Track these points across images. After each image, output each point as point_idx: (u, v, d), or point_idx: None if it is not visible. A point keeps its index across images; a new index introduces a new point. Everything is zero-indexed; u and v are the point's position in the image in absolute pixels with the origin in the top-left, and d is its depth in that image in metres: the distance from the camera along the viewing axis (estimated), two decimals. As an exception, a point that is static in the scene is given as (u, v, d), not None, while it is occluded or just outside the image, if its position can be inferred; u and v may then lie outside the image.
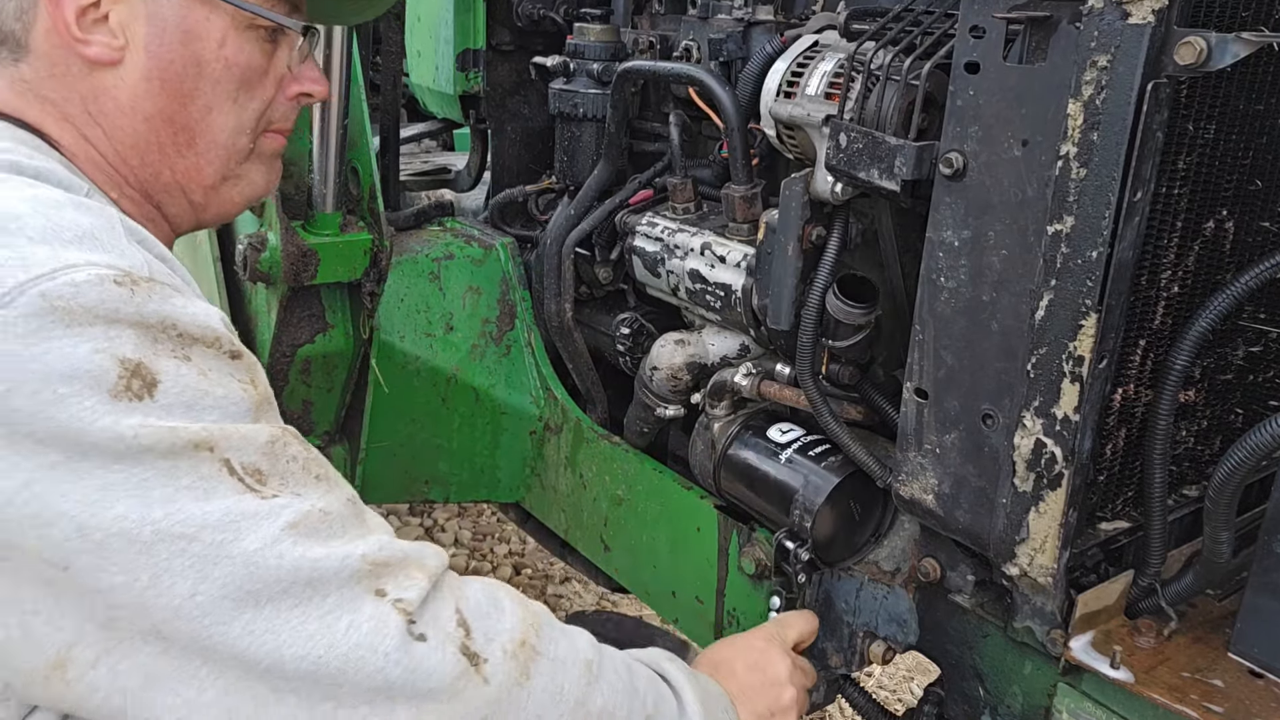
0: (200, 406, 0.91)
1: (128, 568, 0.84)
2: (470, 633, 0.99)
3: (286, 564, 0.89)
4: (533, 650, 1.04)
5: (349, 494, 1.01)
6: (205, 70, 1.14)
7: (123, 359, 0.87)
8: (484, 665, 0.98)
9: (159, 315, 0.91)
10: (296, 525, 0.91)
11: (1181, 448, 1.43)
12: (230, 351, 0.97)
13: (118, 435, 0.84)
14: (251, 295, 2.10)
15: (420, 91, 2.50)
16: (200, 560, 0.86)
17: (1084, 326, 1.15)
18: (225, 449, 0.91)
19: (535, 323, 2.20)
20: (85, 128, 1.12)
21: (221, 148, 1.19)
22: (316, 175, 1.94)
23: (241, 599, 0.87)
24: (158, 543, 0.85)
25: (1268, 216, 1.39)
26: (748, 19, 1.78)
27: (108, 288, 0.87)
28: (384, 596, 0.94)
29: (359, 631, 0.91)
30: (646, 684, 1.17)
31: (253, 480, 0.92)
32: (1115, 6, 1.07)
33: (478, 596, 1.04)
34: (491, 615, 1.03)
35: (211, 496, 0.88)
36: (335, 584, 0.91)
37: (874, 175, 1.34)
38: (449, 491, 2.27)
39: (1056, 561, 1.25)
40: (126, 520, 0.84)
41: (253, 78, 1.18)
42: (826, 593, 1.66)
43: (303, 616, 0.89)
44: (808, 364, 1.54)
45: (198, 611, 0.86)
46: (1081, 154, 1.12)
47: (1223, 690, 1.24)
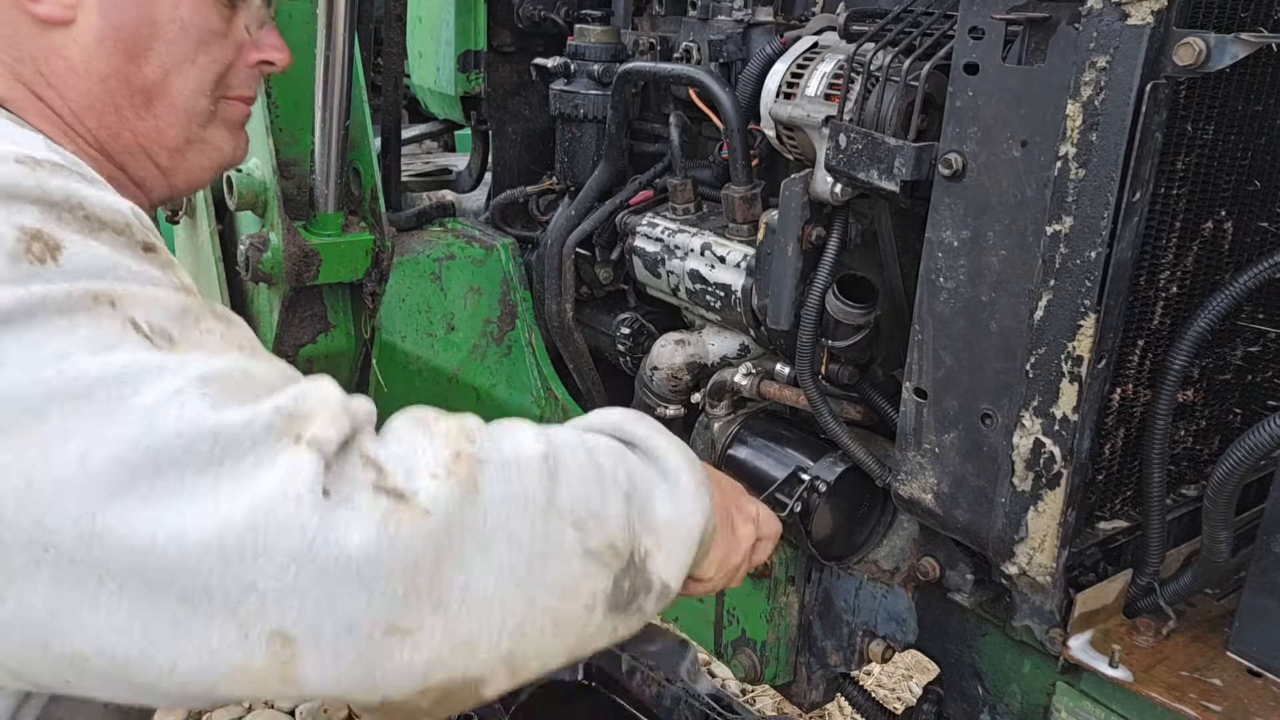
0: (111, 275, 0.83)
1: (18, 440, 0.73)
2: (383, 470, 0.82)
3: (189, 417, 0.76)
4: (472, 459, 0.87)
5: (287, 369, 0.90)
6: (160, 31, 1.12)
7: (21, 226, 0.80)
8: (415, 498, 0.82)
9: (64, 192, 0.84)
10: (209, 379, 0.79)
11: (1180, 447, 1.44)
12: (142, 243, 0.88)
13: (11, 294, 0.77)
14: (253, 295, 2.10)
15: (421, 93, 2.51)
16: (95, 418, 0.75)
17: (1083, 326, 1.16)
18: (130, 306, 0.81)
19: (536, 323, 2.20)
20: (39, 88, 1.09)
21: (180, 110, 1.17)
22: (318, 176, 1.95)
23: (138, 462, 0.74)
24: (49, 405, 0.75)
25: (1266, 217, 1.39)
26: (748, 20, 1.79)
27: (7, 165, 0.83)
28: (299, 441, 0.80)
29: (271, 480, 0.77)
30: (613, 459, 1.01)
31: (161, 339, 0.82)
32: (1114, 7, 1.08)
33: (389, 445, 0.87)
34: (407, 455, 0.86)
35: (113, 350, 0.78)
36: (249, 441, 0.78)
37: (873, 176, 1.34)
38: (450, 491, 2.27)
39: (1055, 560, 1.25)
40: (17, 385, 0.75)
41: (210, 39, 1.16)
42: (826, 591, 1.67)
43: (212, 480, 0.76)
44: (807, 364, 1.54)
45: (89, 481, 0.73)
46: (1080, 154, 1.12)
47: (1221, 689, 1.24)
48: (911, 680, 3.29)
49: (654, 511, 1.02)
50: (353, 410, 0.86)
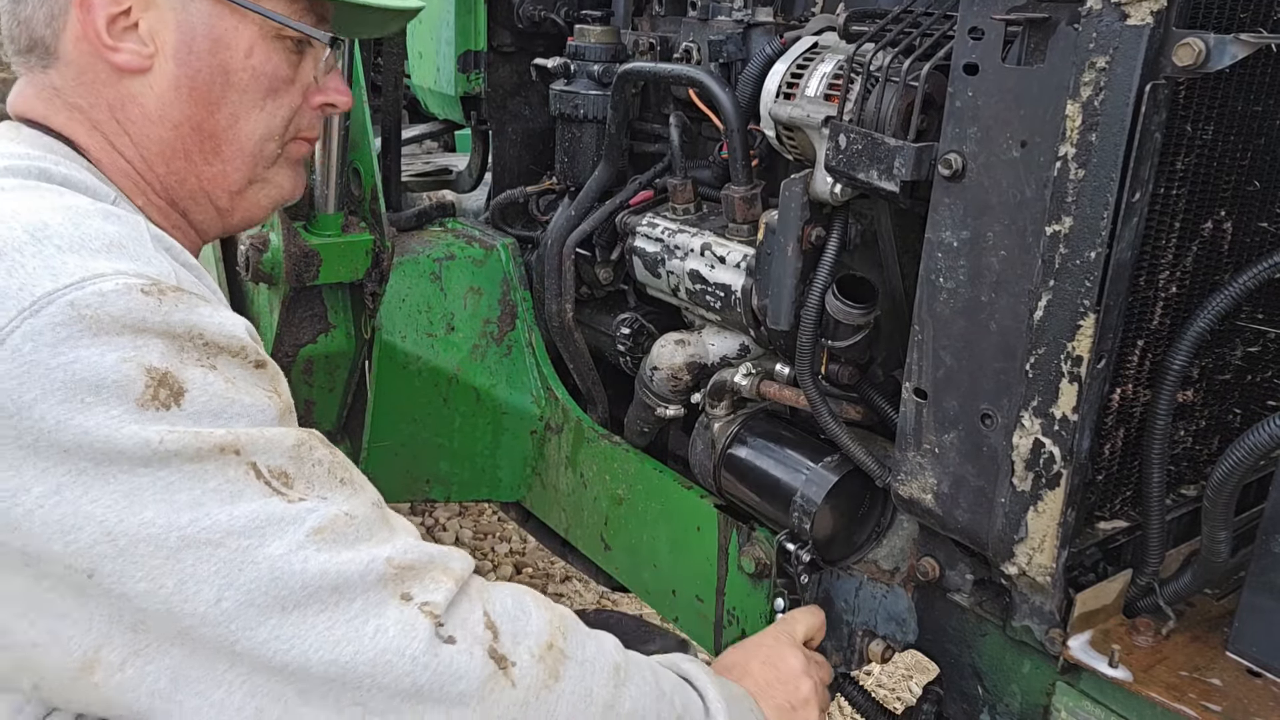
0: (227, 414, 0.91)
1: (153, 574, 0.84)
2: (498, 635, 0.99)
3: (312, 569, 0.89)
4: (560, 653, 1.03)
5: (374, 497, 1.01)
6: (233, 79, 1.14)
7: (149, 368, 0.87)
8: (512, 668, 0.98)
9: (186, 324, 0.91)
10: (322, 530, 0.91)
11: (1180, 447, 1.44)
12: (255, 361, 0.97)
13: (144, 441, 0.84)
14: (254, 296, 2.11)
15: (421, 93, 2.51)
16: (226, 566, 0.86)
17: (1082, 327, 1.16)
18: (252, 452, 0.91)
19: (536, 323, 2.20)
20: (113, 135, 1.12)
21: (249, 155, 1.20)
22: (318, 176, 1.95)
23: (267, 605, 0.87)
24: (183, 549, 0.85)
25: (1266, 217, 1.39)
26: (747, 20, 1.79)
27: (135, 297, 0.88)
28: (410, 600, 0.94)
29: (386, 635, 0.91)
30: (673, 687, 1.17)
31: (279, 483, 0.92)
32: (1114, 8, 1.08)
33: (505, 600, 1.04)
34: (519, 618, 1.03)
35: (238, 500, 0.88)
36: (360, 588, 0.91)
37: (873, 176, 1.34)
38: (450, 491, 2.28)
39: (1055, 561, 1.25)
40: (153, 526, 0.84)
41: (279, 86, 1.19)
42: (826, 591, 1.67)
43: (329, 621, 0.89)
44: (807, 364, 1.54)
45: (223, 618, 0.86)
46: (1080, 155, 1.12)
47: (1221, 689, 1.24)
48: (911, 680, 3.29)
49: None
50: (453, 568, 1.00)
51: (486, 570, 3.85)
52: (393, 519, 1.02)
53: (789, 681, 1.37)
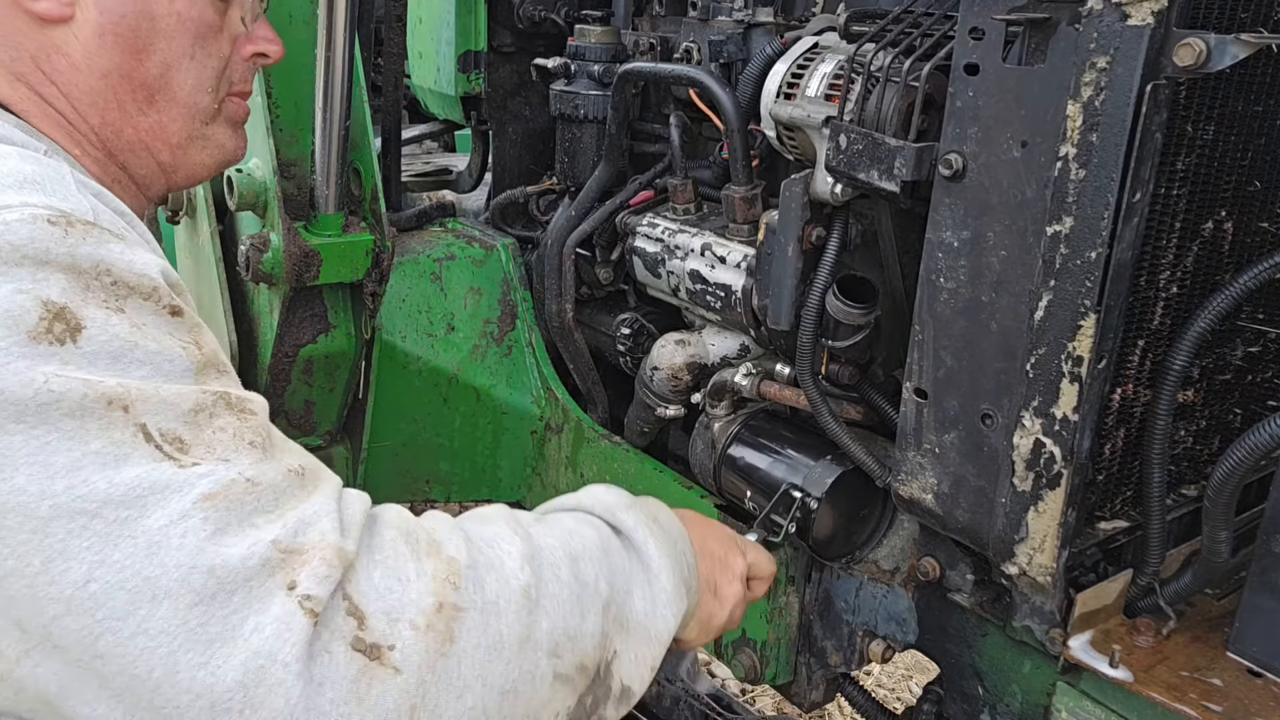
0: (128, 359, 0.84)
1: (19, 550, 0.77)
2: (365, 620, 0.85)
3: (188, 547, 0.79)
4: (453, 609, 0.90)
5: (294, 464, 0.91)
6: (158, 25, 1.11)
7: (46, 301, 0.81)
8: (390, 653, 0.85)
9: (92, 259, 0.85)
10: (213, 496, 0.82)
11: (1180, 447, 1.44)
12: (170, 307, 0.90)
13: (28, 380, 0.78)
14: (254, 296, 2.10)
15: (422, 93, 2.51)
16: (99, 540, 0.77)
17: (1083, 327, 1.16)
18: (142, 411, 0.82)
19: (536, 323, 2.20)
20: (39, 85, 1.08)
21: (183, 105, 1.17)
22: (318, 176, 1.95)
23: (138, 590, 0.77)
24: (54, 520, 0.77)
25: (1266, 217, 1.39)
26: (748, 21, 1.79)
27: (40, 226, 0.83)
28: (292, 590, 0.82)
29: (261, 635, 0.80)
30: (596, 566, 1.04)
31: (171, 447, 0.83)
32: (1114, 8, 1.08)
33: (372, 575, 0.89)
34: (393, 589, 0.88)
35: (121, 464, 0.80)
36: (242, 577, 0.80)
37: (874, 176, 1.34)
38: (450, 491, 2.28)
39: (1055, 561, 1.25)
40: (24, 493, 0.77)
41: (207, 33, 1.16)
42: (826, 591, 1.67)
43: (203, 616, 0.79)
44: (807, 364, 1.54)
45: (90, 604, 0.77)
46: (1081, 155, 1.12)
47: (1221, 689, 1.24)
48: (911, 680, 3.29)
49: (630, 610, 1.07)
50: (344, 548, 0.87)
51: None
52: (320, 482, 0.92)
53: (727, 569, 1.26)
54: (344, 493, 0.95)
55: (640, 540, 1.11)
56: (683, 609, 1.12)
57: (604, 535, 1.10)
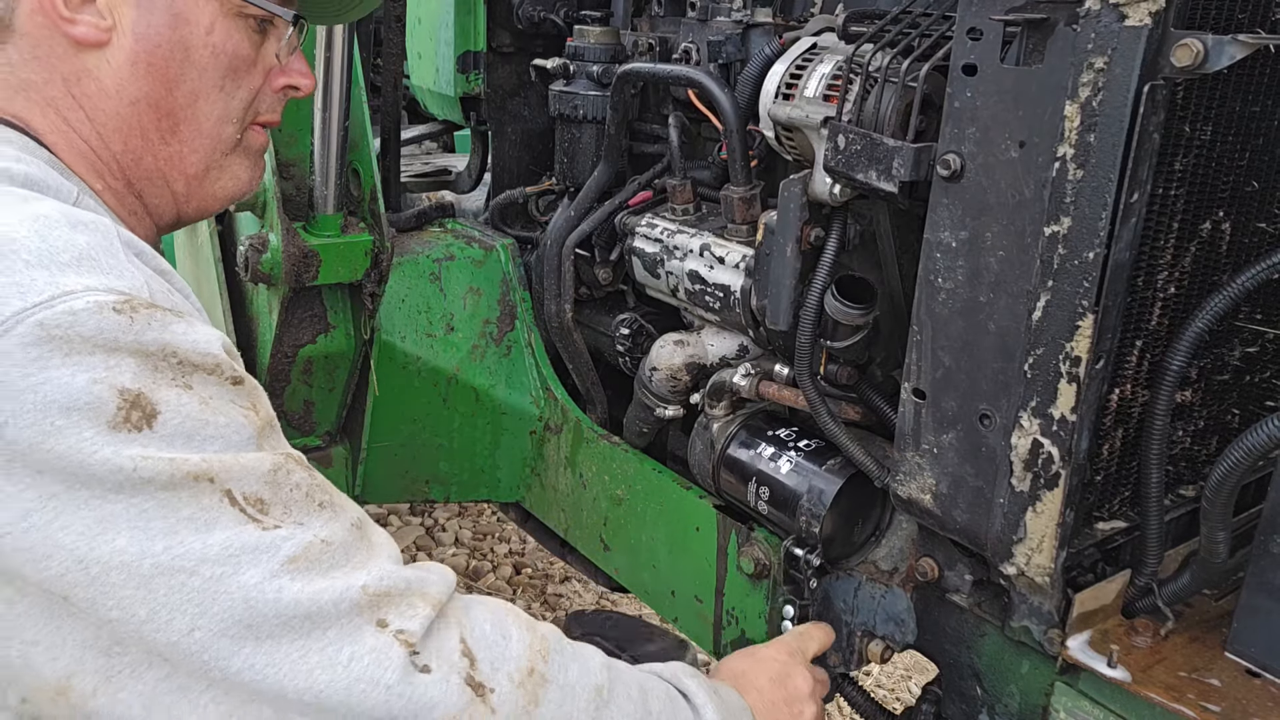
0: (201, 436, 0.89)
1: (125, 603, 0.83)
2: (475, 662, 0.98)
3: (286, 599, 0.88)
4: (541, 678, 1.03)
5: (353, 518, 1.00)
6: (192, 56, 1.12)
7: (122, 389, 0.85)
8: (490, 695, 0.97)
9: (159, 343, 0.89)
10: (297, 559, 0.90)
11: (1178, 448, 1.44)
12: (232, 378, 0.95)
13: (117, 467, 0.83)
14: (253, 296, 2.11)
15: (421, 93, 2.51)
16: (199, 595, 0.85)
17: (1081, 327, 1.16)
18: (226, 480, 0.89)
19: (535, 323, 2.20)
20: (67, 111, 1.09)
21: (206, 136, 1.17)
22: (318, 177, 1.95)
23: (240, 634, 0.86)
24: (156, 577, 0.84)
25: (1264, 217, 1.39)
26: (746, 21, 1.79)
27: (107, 315, 0.86)
28: (385, 628, 0.93)
29: (360, 664, 0.90)
30: (661, 704, 1.15)
31: (255, 510, 0.91)
32: (1112, 9, 1.08)
33: (483, 625, 1.03)
34: (498, 644, 1.02)
35: (212, 528, 0.87)
36: (335, 616, 0.90)
37: (872, 177, 1.34)
38: (449, 491, 2.28)
39: (1054, 561, 1.25)
40: (125, 554, 0.83)
41: (240, 66, 1.17)
42: (825, 592, 1.67)
43: (302, 650, 0.88)
44: (806, 364, 1.54)
45: (197, 648, 0.85)
46: (1078, 155, 1.12)
47: (1220, 689, 1.24)
48: (910, 680, 3.29)
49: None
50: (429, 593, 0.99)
51: (486, 570, 3.85)
52: (374, 539, 1.01)
53: (795, 704, 1.35)
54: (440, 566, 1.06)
55: (700, 704, 1.20)
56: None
57: (672, 691, 1.20)
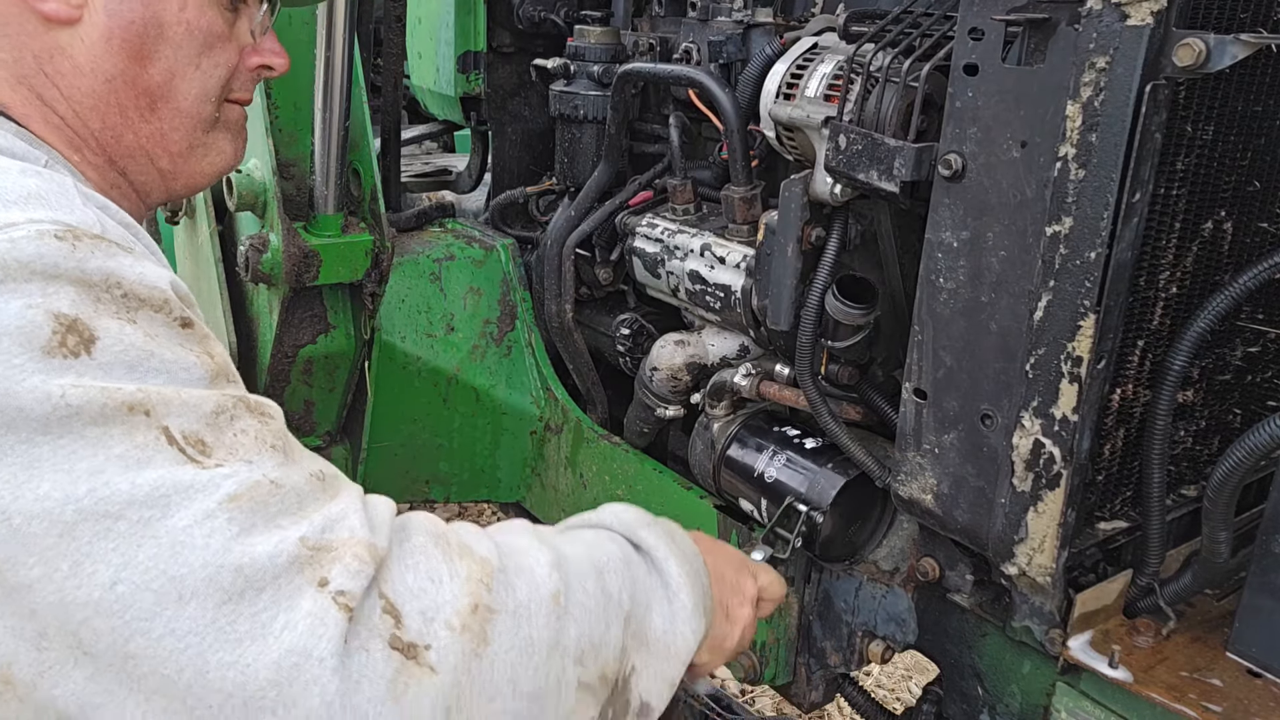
0: (144, 368, 0.83)
1: (47, 556, 0.76)
2: (401, 619, 0.85)
3: (215, 546, 0.79)
4: (487, 610, 0.90)
5: (316, 469, 0.91)
6: (166, 32, 1.11)
7: (58, 314, 0.80)
8: (427, 653, 0.85)
9: (103, 272, 0.84)
10: (238, 497, 0.81)
11: (1180, 448, 1.44)
12: (180, 319, 0.90)
13: (44, 395, 0.77)
14: (253, 296, 2.10)
15: (421, 93, 2.51)
16: (124, 542, 0.77)
17: (1082, 327, 1.16)
18: (164, 414, 0.82)
19: (536, 323, 2.20)
20: (41, 89, 1.08)
21: (185, 114, 1.16)
22: (318, 177, 1.95)
23: (164, 591, 0.77)
24: (80, 523, 0.77)
25: (1266, 217, 1.39)
26: (747, 21, 1.79)
27: (47, 242, 0.82)
28: (325, 586, 0.82)
29: (294, 632, 0.79)
30: (620, 579, 1.05)
31: (195, 450, 0.82)
32: (1114, 8, 1.08)
33: (405, 576, 0.89)
34: (428, 589, 0.89)
35: (144, 467, 0.79)
36: (270, 574, 0.80)
37: (873, 176, 1.34)
38: (450, 491, 2.28)
39: (1055, 561, 1.25)
40: (49, 500, 0.77)
41: (214, 43, 1.16)
42: (826, 592, 1.67)
43: (231, 615, 0.78)
44: (807, 364, 1.54)
45: (118, 606, 0.77)
46: (1080, 155, 1.12)
47: (1221, 689, 1.24)
48: (911, 681, 3.29)
49: (649, 626, 1.07)
50: (375, 544, 0.88)
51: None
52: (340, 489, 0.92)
53: (739, 591, 1.26)
54: (370, 497, 0.95)
55: (661, 558, 1.12)
56: (701, 628, 1.12)
57: (626, 550, 1.10)
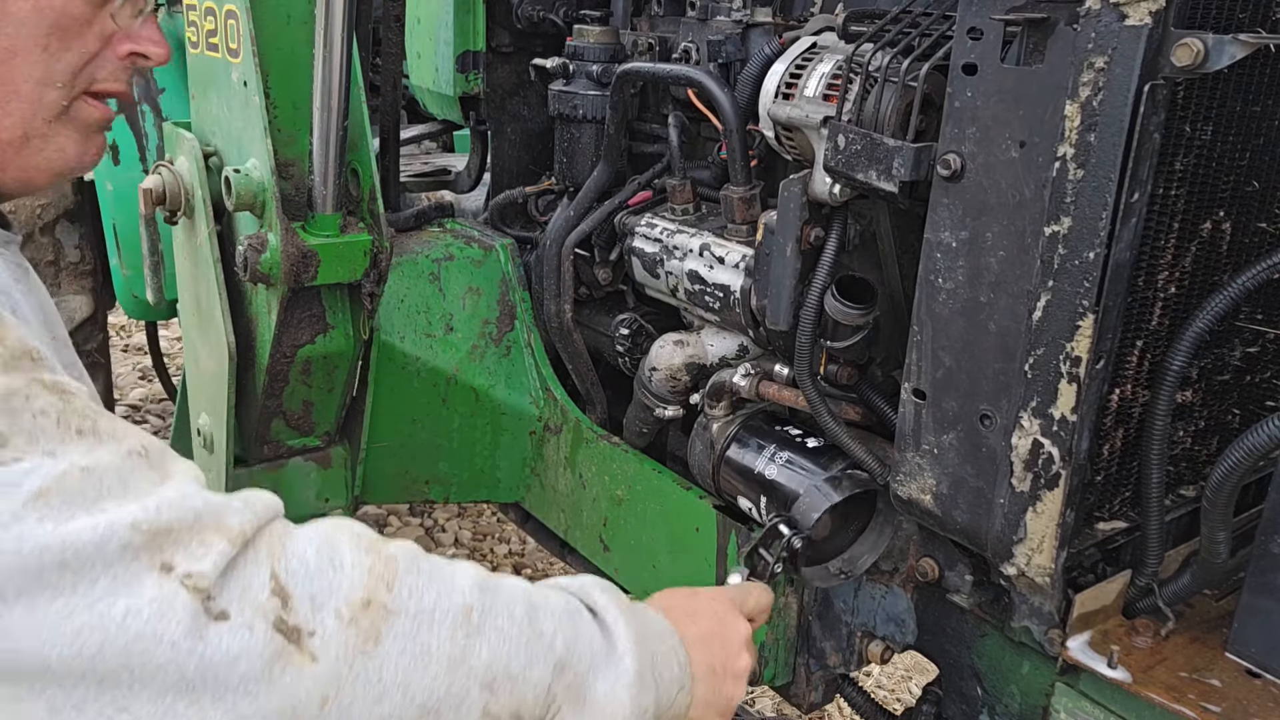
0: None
1: None
2: (289, 601, 0.82)
3: (30, 545, 0.73)
4: (383, 608, 0.87)
5: (134, 445, 0.84)
6: (8, 7, 1.01)
7: None
8: (310, 639, 0.82)
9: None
10: (46, 493, 0.75)
11: (1179, 448, 1.43)
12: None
13: None
14: (252, 296, 2.10)
15: (420, 93, 2.51)
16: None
17: (1081, 327, 1.16)
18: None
19: (535, 323, 2.20)
20: None
21: (24, 100, 1.04)
22: (316, 176, 1.95)
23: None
24: None
25: (1264, 217, 1.39)
26: (746, 21, 1.79)
27: None
28: (170, 571, 0.78)
29: (138, 619, 0.75)
30: (556, 622, 1.00)
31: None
32: (1112, 8, 1.08)
33: (305, 553, 0.86)
34: (324, 573, 0.85)
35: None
36: (102, 562, 0.75)
37: (872, 176, 1.34)
38: (449, 491, 2.28)
39: (1054, 561, 1.25)
40: None
41: (69, 26, 1.05)
42: (825, 593, 1.67)
43: (64, 609, 0.73)
44: (806, 364, 1.54)
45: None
46: (1079, 155, 1.12)
47: (1220, 690, 1.24)
48: (911, 681, 3.29)
49: (591, 686, 1.01)
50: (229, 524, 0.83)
51: (485, 571, 3.84)
52: (171, 467, 0.86)
53: (731, 646, 1.20)
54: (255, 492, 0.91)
55: (611, 620, 1.05)
56: (646, 699, 1.05)
57: (573, 605, 1.05)
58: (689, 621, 1.16)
